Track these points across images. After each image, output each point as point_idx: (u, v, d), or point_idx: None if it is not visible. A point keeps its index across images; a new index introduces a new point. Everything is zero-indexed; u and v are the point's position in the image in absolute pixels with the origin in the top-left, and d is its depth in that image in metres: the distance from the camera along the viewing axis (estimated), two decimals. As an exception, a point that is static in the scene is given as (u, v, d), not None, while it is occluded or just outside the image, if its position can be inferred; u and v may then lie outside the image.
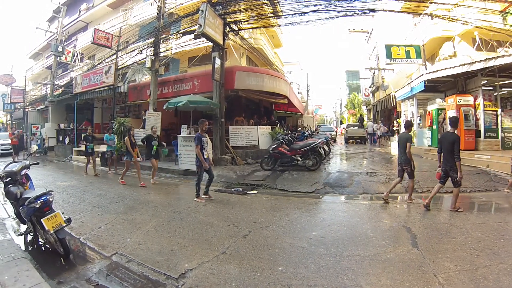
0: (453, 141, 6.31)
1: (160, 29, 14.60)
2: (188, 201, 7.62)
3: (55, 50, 22.01)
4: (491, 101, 12.99)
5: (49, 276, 3.75)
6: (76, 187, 9.47)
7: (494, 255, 4.00)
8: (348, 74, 66.95)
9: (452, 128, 6.95)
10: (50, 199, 4.36)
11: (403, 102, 19.11)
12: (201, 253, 4.38)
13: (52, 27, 28.79)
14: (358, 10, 11.81)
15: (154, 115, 14.07)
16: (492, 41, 13.02)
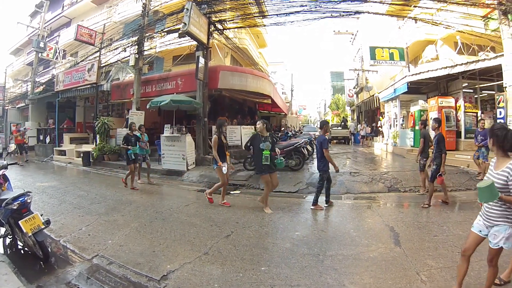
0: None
1: (145, 27, 14.42)
2: (171, 202, 7.57)
3: (37, 46, 21.50)
4: (472, 103, 13.31)
5: (28, 280, 3.66)
6: (56, 188, 9.24)
7: (476, 252, 4.04)
8: (333, 75, 67.60)
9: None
10: (28, 200, 4.26)
11: (387, 103, 19.38)
12: (183, 254, 4.34)
13: (34, 22, 28.08)
14: (343, 12, 11.86)
15: (137, 114, 13.88)
16: (473, 45, 13.27)
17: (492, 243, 2.93)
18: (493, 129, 3.06)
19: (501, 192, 2.79)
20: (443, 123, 12.62)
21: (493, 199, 2.77)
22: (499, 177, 2.87)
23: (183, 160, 11.17)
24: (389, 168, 11.20)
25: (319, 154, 6.85)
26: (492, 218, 2.95)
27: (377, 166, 12.07)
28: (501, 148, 2.94)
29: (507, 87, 9.57)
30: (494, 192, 2.71)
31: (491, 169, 3.06)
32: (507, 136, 2.89)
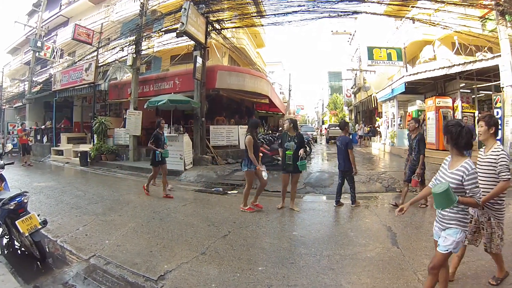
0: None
1: (142, 26, 14.38)
2: (168, 201, 7.53)
3: (34, 45, 21.43)
4: (469, 103, 13.34)
5: (25, 281, 3.63)
6: (53, 188, 9.19)
7: (472, 251, 4.05)
8: (331, 75, 67.62)
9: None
10: (25, 200, 4.24)
11: (384, 103, 19.40)
12: (181, 254, 4.33)
13: (31, 21, 27.98)
14: (341, 12, 11.86)
15: (135, 114, 13.86)
16: (471, 45, 13.32)
17: (441, 247, 2.78)
18: (447, 126, 2.89)
19: (456, 193, 2.63)
20: (440, 123, 12.66)
21: (451, 204, 2.58)
22: (453, 177, 2.74)
23: (180, 160, 11.15)
24: (387, 168, 11.22)
25: (344, 154, 6.79)
26: (444, 220, 2.82)
27: (374, 166, 12.09)
28: (456, 146, 2.80)
29: (504, 88, 9.60)
30: (451, 197, 2.52)
31: (445, 169, 2.93)
32: (461, 133, 2.75)
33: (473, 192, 2.63)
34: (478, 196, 2.64)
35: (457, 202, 2.56)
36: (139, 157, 14.16)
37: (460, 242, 2.73)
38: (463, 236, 2.74)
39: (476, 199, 2.63)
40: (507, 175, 3.09)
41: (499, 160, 3.17)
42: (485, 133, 3.42)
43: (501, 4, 9.89)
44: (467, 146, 2.78)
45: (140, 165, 12.55)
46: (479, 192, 2.66)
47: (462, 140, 2.74)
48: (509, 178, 3.09)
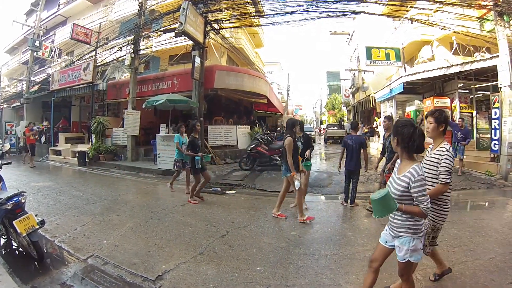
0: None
1: (141, 26, 14.37)
2: (166, 201, 7.53)
3: (32, 44, 21.35)
4: (467, 103, 13.39)
5: (22, 281, 3.62)
6: (51, 188, 9.15)
7: (470, 251, 4.07)
8: (329, 75, 67.71)
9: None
10: (23, 200, 4.22)
11: (383, 103, 19.43)
12: (179, 254, 4.32)
13: (29, 20, 27.89)
14: (339, 12, 11.87)
15: (133, 114, 13.84)
16: (469, 46, 13.35)
17: (399, 257, 2.58)
18: (398, 126, 2.66)
19: (402, 200, 2.48)
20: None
21: (389, 212, 2.40)
22: (400, 183, 2.53)
23: (179, 160, 11.14)
24: (385, 168, 11.20)
25: (356, 154, 6.77)
26: (395, 228, 2.63)
27: (372, 166, 12.06)
28: (406, 149, 2.59)
29: (502, 88, 9.61)
30: (389, 204, 2.34)
31: (394, 173, 2.71)
32: (414, 135, 2.54)
33: (419, 201, 2.41)
34: (425, 205, 2.40)
35: (398, 210, 2.41)
36: (137, 157, 14.15)
37: (416, 250, 2.52)
38: (417, 243, 2.53)
39: (422, 208, 2.40)
40: (447, 177, 2.91)
41: (442, 160, 2.97)
42: (434, 130, 3.18)
43: (499, 4, 9.90)
44: (418, 150, 2.59)
45: (138, 165, 12.54)
46: (427, 200, 2.42)
47: (414, 143, 2.54)
48: (448, 182, 2.91)
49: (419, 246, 2.55)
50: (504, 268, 3.71)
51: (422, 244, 2.58)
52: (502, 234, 4.86)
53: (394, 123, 2.83)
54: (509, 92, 9.46)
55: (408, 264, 2.57)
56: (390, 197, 2.36)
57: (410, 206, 2.45)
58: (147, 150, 14.28)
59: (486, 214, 6.30)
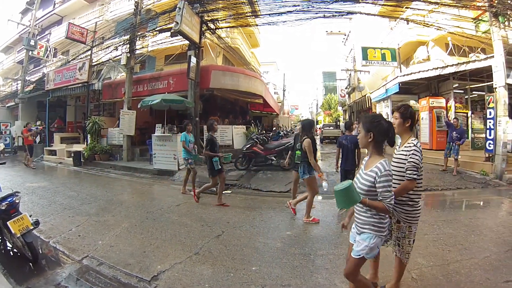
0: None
1: (137, 25, 14.31)
2: (162, 201, 7.52)
3: (27, 44, 21.21)
4: (462, 103, 13.47)
5: (17, 282, 3.60)
6: (46, 188, 9.08)
7: (465, 250, 4.09)
8: (325, 75, 67.91)
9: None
10: (17, 201, 4.19)
11: (378, 103, 19.47)
12: (174, 254, 4.32)
13: (25, 19, 27.74)
14: (335, 12, 11.88)
15: (129, 113, 13.79)
16: (464, 46, 13.41)
17: (354, 251, 2.57)
18: (371, 122, 2.61)
19: (368, 196, 2.46)
20: (434, 123, 12.77)
21: (352, 203, 2.40)
22: (366, 178, 2.51)
23: (174, 160, 11.12)
24: (381, 168, 11.22)
25: (351, 153, 6.76)
26: (359, 224, 2.62)
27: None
28: (377, 144, 2.58)
29: (497, 88, 9.66)
30: (352, 196, 2.31)
31: (361, 169, 2.69)
32: (389, 130, 2.55)
33: (383, 196, 2.39)
34: (388, 201, 2.38)
35: (361, 203, 2.41)
36: (133, 157, 14.10)
37: (374, 248, 2.50)
38: (378, 241, 2.51)
39: (386, 204, 2.38)
40: (414, 174, 2.81)
41: (409, 156, 2.88)
42: (400, 126, 3.07)
43: (494, 5, 9.95)
44: (389, 144, 2.60)
45: (134, 165, 12.50)
46: (391, 197, 2.40)
47: (392, 138, 2.56)
48: (415, 178, 2.82)
49: (379, 245, 2.54)
50: (499, 267, 3.72)
51: (381, 243, 2.58)
52: (497, 233, 4.88)
53: (365, 118, 2.73)
54: (504, 92, 9.52)
55: (361, 260, 2.55)
56: (354, 188, 2.33)
57: (374, 201, 2.44)
58: (142, 150, 14.23)
59: (481, 213, 6.33)
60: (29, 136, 14.06)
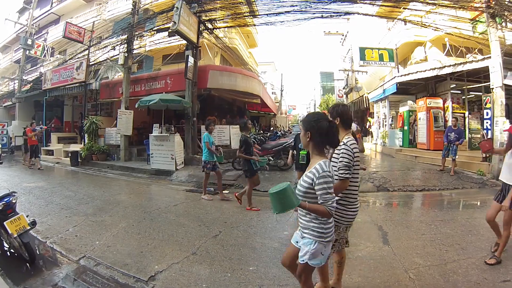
0: None
1: (134, 25, 14.28)
2: (159, 201, 7.50)
3: (24, 43, 21.13)
4: (459, 103, 13.50)
5: (14, 283, 3.58)
6: (43, 188, 9.03)
7: (462, 250, 4.10)
8: (323, 75, 67.96)
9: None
10: (14, 201, 4.17)
11: (376, 104, 19.53)
12: (171, 254, 4.31)
13: (22, 18, 27.61)
14: (333, 13, 11.89)
15: (126, 113, 13.75)
16: (461, 47, 13.43)
17: (299, 257, 2.45)
18: (310, 121, 2.48)
19: (306, 198, 2.35)
20: (431, 123, 12.81)
21: (288, 208, 2.16)
22: (305, 179, 2.40)
23: (172, 160, 11.10)
24: (378, 168, 11.26)
25: None
26: (301, 228, 2.51)
27: (366, 166, 12.12)
28: (319, 144, 2.45)
29: (494, 89, 9.69)
30: (289, 200, 2.15)
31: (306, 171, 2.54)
32: (329, 131, 2.42)
33: (324, 199, 2.25)
34: (330, 203, 2.25)
35: (300, 207, 2.27)
36: (130, 157, 14.07)
37: (317, 254, 2.36)
38: (320, 248, 2.36)
39: (327, 207, 2.24)
40: (345, 173, 2.75)
41: (340, 156, 2.83)
42: None
43: (491, 6, 9.98)
44: (332, 144, 2.50)
45: (131, 165, 12.48)
46: (332, 199, 2.27)
47: (332, 138, 2.45)
48: (347, 177, 2.75)
49: (322, 252, 2.38)
50: (496, 267, 3.73)
51: (327, 250, 2.42)
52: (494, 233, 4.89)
53: (306, 116, 2.62)
54: (501, 93, 9.55)
55: (307, 266, 2.42)
56: (291, 191, 2.17)
57: (314, 204, 2.31)
58: (140, 150, 14.21)
59: (478, 213, 6.34)
60: (33, 136, 13.33)
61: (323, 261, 2.43)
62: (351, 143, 2.87)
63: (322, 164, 2.32)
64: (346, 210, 2.93)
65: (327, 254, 2.43)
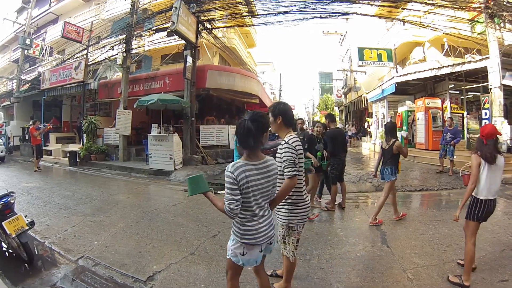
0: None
1: (133, 25, 14.26)
2: (158, 202, 7.48)
3: (23, 43, 21.10)
4: (458, 104, 13.54)
5: (12, 283, 3.57)
6: (42, 188, 9.00)
7: (461, 250, 4.09)
8: (321, 75, 67.90)
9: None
10: (12, 201, 4.16)
11: (375, 104, 19.56)
12: (170, 254, 4.30)
13: (20, 18, 27.57)
14: (332, 13, 11.90)
15: (125, 113, 13.73)
16: (460, 47, 13.46)
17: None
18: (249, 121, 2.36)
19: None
20: (430, 123, 12.82)
21: (196, 191, 2.44)
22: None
23: (170, 160, 11.09)
24: (377, 168, 11.25)
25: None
26: None
27: (364, 166, 12.16)
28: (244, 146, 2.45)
29: (492, 89, 9.72)
30: (199, 186, 2.46)
31: None
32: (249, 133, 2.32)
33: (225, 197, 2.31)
34: (227, 203, 2.26)
35: (205, 195, 2.47)
36: (129, 157, 14.05)
37: (235, 253, 2.40)
38: (238, 247, 2.39)
39: (226, 206, 2.27)
40: (291, 170, 2.72)
41: (282, 154, 2.84)
42: (272, 124, 3.02)
43: (490, 7, 10.02)
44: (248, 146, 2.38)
45: (130, 165, 12.45)
46: (228, 200, 2.26)
47: (254, 140, 2.34)
48: (295, 175, 2.72)
49: (240, 252, 2.39)
50: (494, 267, 3.75)
51: (249, 254, 2.40)
52: (492, 233, 4.90)
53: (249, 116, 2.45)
54: (499, 93, 9.59)
55: (230, 262, 2.47)
56: (202, 179, 2.48)
57: (216, 197, 2.45)
58: (138, 150, 14.18)
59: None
60: (38, 135, 12.84)
61: (246, 263, 2.43)
62: (293, 140, 2.87)
63: (228, 165, 2.34)
64: (298, 208, 2.98)
65: (247, 258, 2.40)
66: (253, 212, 2.36)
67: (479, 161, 3.38)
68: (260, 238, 2.38)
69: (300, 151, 2.86)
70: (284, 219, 3.00)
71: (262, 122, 2.37)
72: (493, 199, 3.42)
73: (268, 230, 2.43)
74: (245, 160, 2.36)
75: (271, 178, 2.41)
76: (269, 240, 2.47)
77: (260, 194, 2.35)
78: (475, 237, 3.48)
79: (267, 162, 2.42)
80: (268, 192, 2.42)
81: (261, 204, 2.39)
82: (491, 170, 3.36)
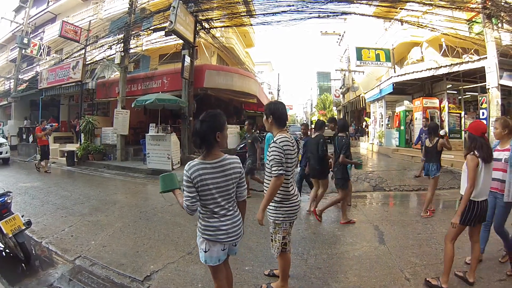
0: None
1: (131, 24, 14.23)
2: (155, 201, 7.46)
3: (20, 42, 21.04)
4: (455, 104, 13.55)
5: (9, 283, 3.56)
6: (39, 188, 8.99)
7: (458, 249, 4.08)
8: (319, 75, 68.11)
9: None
10: (9, 201, 4.16)
11: (373, 104, 19.58)
12: (167, 254, 4.30)
13: (18, 17, 27.53)
14: (330, 13, 11.90)
15: (123, 113, 13.71)
16: (457, 47, 13.50)
17: None
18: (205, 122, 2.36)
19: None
20: (428, 123, 12.86)
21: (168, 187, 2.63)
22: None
23: (168, 160, 11.08)
24: (375, 168, 11.28)
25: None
26: None
27: (363, 166, 12.15)
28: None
29: (490, 89, 9.74)
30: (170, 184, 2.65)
31: None
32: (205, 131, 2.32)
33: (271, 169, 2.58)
34: (184, 200, 2.35)
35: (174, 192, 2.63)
36: (127, 157, 14.03)
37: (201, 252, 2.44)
38: (201, 242, 2.43)
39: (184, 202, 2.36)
40: (278, 169, 2.79)
41: (270, 153, 2.88)
42: (265, 123, 3.13)
43: (487, 7, 10.03)
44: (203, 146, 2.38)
45: (128, 165, 12.43)
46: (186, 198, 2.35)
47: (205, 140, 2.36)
48: (281, 174, 2.79)
49: (201, 247, 2.41)
50: (492, 266, 3.76)
51: (212, 251, 2.40)
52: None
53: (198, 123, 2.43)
54: (497, 93, 9.60)
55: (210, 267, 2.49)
56: (173, 178, 2.67)
57: (180, 195, 2.54)
58: (136, 149, 14.15)
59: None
60: (43, 135, 12.37)
61: (208, 261, 2.42)
62: (281, 140, 2.90)
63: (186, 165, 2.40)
64: (284, 206, 3.04)
65: (209, 255, 2.40)
66: (212, 210, 2.37)
67: (477, 162, 3.31)
68: (222, 236, 2.38)
69: (287, 151, 2.89)
70: (271, 216, 3.14)
71: (213, 121, 2.35)
72: (486, 199, 3.37)
73: (231, 230, 2.43)
74: (200, 159, 2.38)
75: (229, 178, 2.38)
76: (232, 241, 2.47)
77: (218, 193, 2.35)
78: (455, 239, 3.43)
79: (224, 161, 2.39)
80: (228, 191, 2.41)
81: (221, 203, 2.38)
82: (487, 169, 3.34)
